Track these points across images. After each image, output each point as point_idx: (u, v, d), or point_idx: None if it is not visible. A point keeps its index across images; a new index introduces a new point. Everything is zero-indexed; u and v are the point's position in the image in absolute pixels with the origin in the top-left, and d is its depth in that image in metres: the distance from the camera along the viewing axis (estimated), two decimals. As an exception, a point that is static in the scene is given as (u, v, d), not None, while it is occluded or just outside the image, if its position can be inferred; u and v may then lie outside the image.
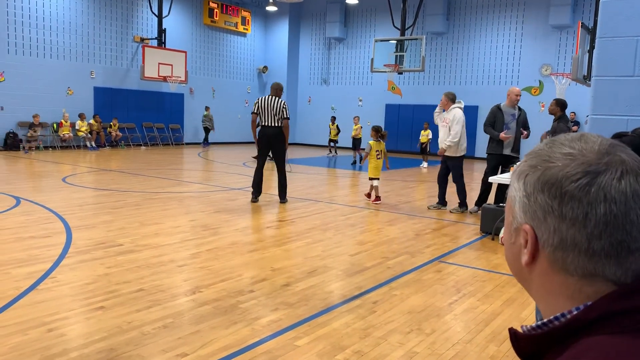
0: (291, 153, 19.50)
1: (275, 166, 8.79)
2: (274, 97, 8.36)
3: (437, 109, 8.48)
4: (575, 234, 0.65)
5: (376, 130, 9.11)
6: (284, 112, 8.28)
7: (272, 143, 8.36)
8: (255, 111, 8.37)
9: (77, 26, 17.59)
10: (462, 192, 8.23)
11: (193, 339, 3.36)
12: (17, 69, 16.10)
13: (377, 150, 9.05)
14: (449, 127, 8.00)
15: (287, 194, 8.70)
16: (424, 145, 16.08)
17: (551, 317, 0.67)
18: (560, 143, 0.69)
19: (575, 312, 0.65)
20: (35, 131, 15.94)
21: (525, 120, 8.11)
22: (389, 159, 9.61)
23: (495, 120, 7.89)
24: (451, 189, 8.57)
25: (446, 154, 8.13)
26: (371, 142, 9.08)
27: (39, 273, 4.53)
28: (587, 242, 0.64)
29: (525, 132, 8.07)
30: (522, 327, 0.71)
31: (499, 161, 7.90)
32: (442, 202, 8.50)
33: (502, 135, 7.73)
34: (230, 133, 22.91)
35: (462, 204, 8.28)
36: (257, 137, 8.57)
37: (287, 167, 8.86)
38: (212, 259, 5.20)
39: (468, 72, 20.32)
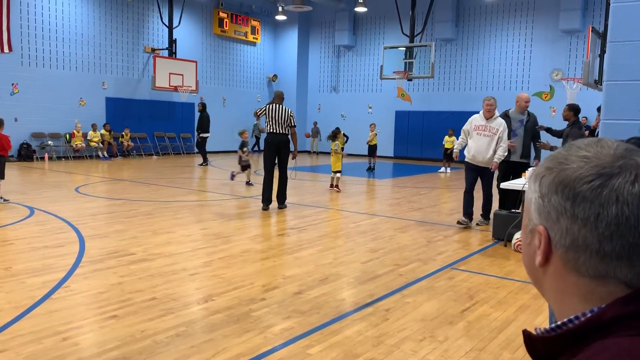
0: (301, 161, 19.54)
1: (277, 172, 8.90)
2: (280, 105, 8.65)
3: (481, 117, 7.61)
4: (586, 234, 0.65)
5: (333, 132, 11.77)
6: (292, 121, 8.63)
7: (280, 150, 8.63)
8: (260, 113, 8.78)
9: (88, 38, 17.81)
10: (489, 203, 7.73)
11: (206, 347, 3.37)
12: (31, 81, 16.31)
13: (334, 149, 11.42)
14: (498, 138, 7.30)
15: (300, 201, 8.74)
16: (449, 152, 16.06)
17: (565, 320, 0.67)
18: (577, 147, 0.70)
19: (588, 315, 0.66)
20: (245, 153, 11.83)
21: (534, 124, 7.97)
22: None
23: None
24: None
25: (484, 164, 7.40)
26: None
27: (53, 282, 4.57)
28: (598, 243, 0.65)
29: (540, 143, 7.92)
30: (535, 329, 0.71)
31: (507, 168, 7.81)
32: (472, 215, 7.71)
33: (508, 143, 7.66)
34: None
35: (487, 215, 7.73)
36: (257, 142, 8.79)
37: (292, 174, 9.03)
38: (224, 267, 5.21)
39: (478, 78, 20.27)
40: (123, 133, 18.39)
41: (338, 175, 11.21)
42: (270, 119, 8.57)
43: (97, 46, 18.05)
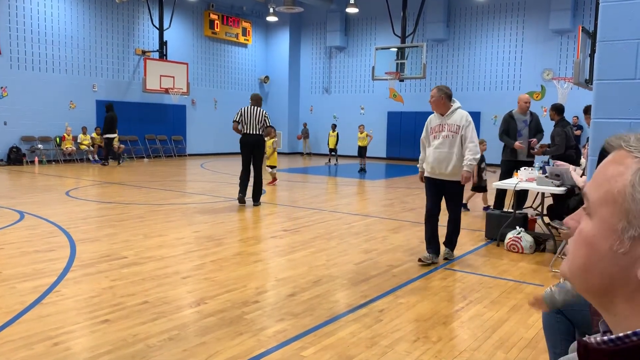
0: (294, 162, 19.54)
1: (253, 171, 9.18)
2: (255, 107, 8.97)
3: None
4: None
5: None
6: (266, 121, 8.97)
7: (254, 149, 8.97)
8: (237, 119, 8.98)
9: (78, 40, 17.71)
10: (456, 231, 5.80)
11: (199, 350, 3.35)
12: (20, 84, 16.19)
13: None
14: (461, 137, 5.44)
15: (293, 203, 8.76)
16: None
17: (628, 333, 0.61)
18: None
19: None
20: (484, 170, 8.87)
21: (537, 123, 8.08)
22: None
23: (509, 128, 7.94)
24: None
25: (448, 176, 5.50)
26: (276, 140, 12.38)
27: (43, 287, 4.53)
28: None
29: (534, 140, 7.98)
30: (588, 338, 0.64)
31: (512, 167, 7.89)
32: (438, 249, 5.72)
33: (517, 144, 7.79)
34: (234, 144, 22.94)
35: (453, 245, 5.85)
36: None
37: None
38: (217, 270, 5.19)
39: (469, 78, 20.34)
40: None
41: (274, 170, 12.30)
42: (244, 120, 8.88)
43: (87, 49, 17.95)
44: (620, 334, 0.61)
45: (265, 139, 10.37)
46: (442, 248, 5.84)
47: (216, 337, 3.56)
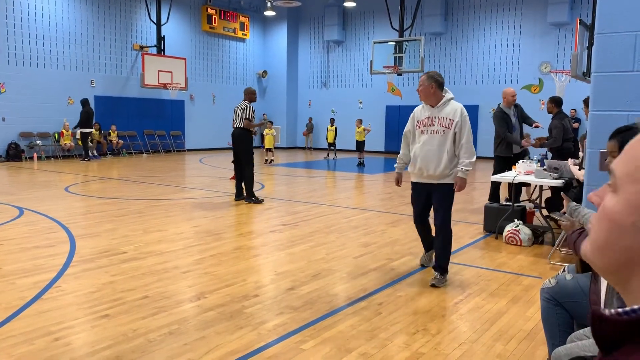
0: (292, 156, 19.53)
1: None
2: (242, 102, 9.06)
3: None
4: None
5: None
6: (243, 113, 8.93)
7: (236, 143, 9.04)
8: (233, 118, 9.19)
9: (76, 36, 17.65)
10: (448, 246, 4.85)
11: (199, 344, 3.36)
12: (18, 80, 16.15)
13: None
14: (454, 134, 4.60)
15: (292, 197, 8.76)
16: None
17: None
18: None
19: None
20: None
21: (522, 113, 8.12)
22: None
23: (507, 124, 7.83)
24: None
25: (437, 178, 4.74)
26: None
27: (43, 283, 4.54)
28: None
29: (536, 123, 8.12)
30: (605, 310, 0.63)
31: (507, 163, 7.79)
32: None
33: (524, 142, 7.73)
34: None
35: (444, 269, 4.78)
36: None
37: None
38: (216, 265, 5.20)
39: (467, 71, 20.32)
40: (110, 131, 18.27)
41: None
42: (234, 116, 9.10)
43: (84, 44, 17.90)
44: (635, 306, 0.61)
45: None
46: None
47: (216, 331, 3.58)
